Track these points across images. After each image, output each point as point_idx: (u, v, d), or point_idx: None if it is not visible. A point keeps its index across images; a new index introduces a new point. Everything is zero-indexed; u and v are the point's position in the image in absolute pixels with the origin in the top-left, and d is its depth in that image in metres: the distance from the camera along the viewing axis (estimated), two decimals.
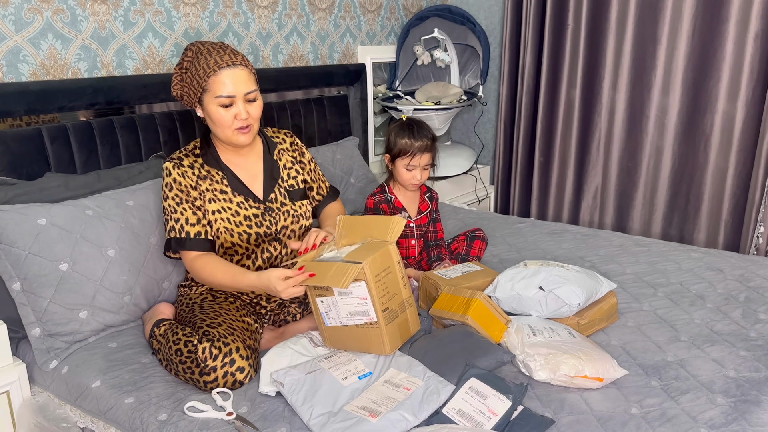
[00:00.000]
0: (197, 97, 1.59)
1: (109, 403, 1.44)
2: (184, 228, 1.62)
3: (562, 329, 1.54)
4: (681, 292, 1.91)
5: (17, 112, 1.79)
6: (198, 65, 1.56)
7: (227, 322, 1.53)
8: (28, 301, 1.59)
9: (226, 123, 1.59)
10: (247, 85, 1.58)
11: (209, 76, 1.55)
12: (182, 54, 1.65)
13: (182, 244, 1.62)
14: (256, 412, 1.35)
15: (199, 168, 1.66)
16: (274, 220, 1.72)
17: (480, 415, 1.27)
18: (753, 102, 2.70)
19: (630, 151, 3.05)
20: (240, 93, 1.57)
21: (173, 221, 1.62)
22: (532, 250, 2.30)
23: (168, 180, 1.63)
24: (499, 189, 3.50)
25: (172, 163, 1.64)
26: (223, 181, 1.68)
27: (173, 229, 1.62)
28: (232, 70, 1.56)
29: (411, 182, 2.05)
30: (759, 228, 2.69)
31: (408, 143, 2.01)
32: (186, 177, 1.63)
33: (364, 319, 1.43)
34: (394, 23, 3.31)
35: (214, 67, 1.54)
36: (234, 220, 1.66)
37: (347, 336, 1.48)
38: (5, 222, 1.57)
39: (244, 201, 1.69)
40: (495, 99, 3.54)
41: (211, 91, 1.56)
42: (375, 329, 1.43)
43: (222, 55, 1.56)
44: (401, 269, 1.51)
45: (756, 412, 1.30)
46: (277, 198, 1.74)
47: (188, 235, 1.62)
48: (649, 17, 2.87)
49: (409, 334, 1.52)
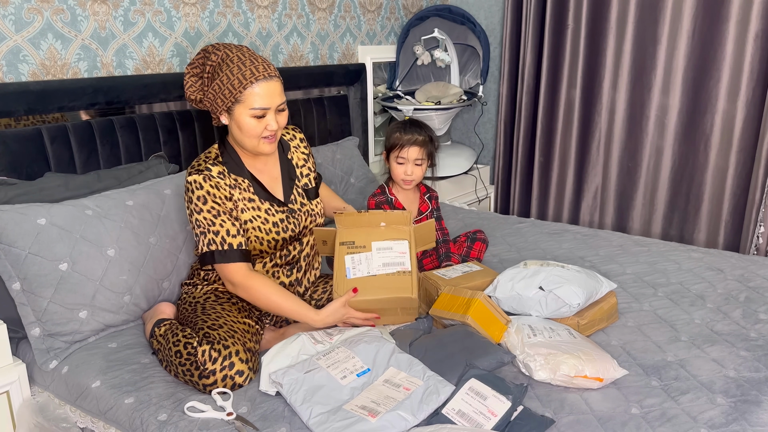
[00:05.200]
0: (227, 106, 1.55)
1: (109, 403, 1.44)
2: (226, 240, 1.57)
3: (562, 329, 1.54)
4: (681, 292, 1.91)
5: (17, 112, 1.79)
6: (231, 74, 1.52)
7: (228, 324, 1.53)
8: (28, 301, 1.59)
9: (255, 133, 1.57)
10: (281, 97, 1.57)
11: (245, 88, 1.51)
12: (199, 56, 1.60)
13: (226, 257, 1.57)
14: (256, 412, 1.35)
15: (226, 176, 1.62)
16: (297, 222, 1.71)
17: (480, 415, 1.27)
18: (753, 102, 2.70)
19: (630, 151, 3.05)
20: (274, 105, 1.56)
21: (212, 234, 1.56)
22: (532, 250, 2.30)
23: (200, 193, 1.57)
24: (499, 189, 3.50)
25: (202, 176, 1.57)
26: (249, 189, 1.65)
27: (213, 242, 1.56)
28: (268, 82, 1.54)
29: (402, 178, 2.05)
30: (759, 228, 2.69)
31: (398, 136, 2.06)
32: (219, 189, 1.58)
33: (397, 268, 1.62)
34: (394, 23, 3.31)
35: (251, 78, 1.51)
36: (264, 228, 1.64)
37: (372, 284, 1.60)
38: (5, 222, 1.57)
39: (270, 207, 1.67)
40: (495, 99, 3.54)
41: (245, 103, 1.53)
42: (407, 276, 1.61)
43: (257, 65, 1.53)
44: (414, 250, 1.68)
45: (756, 412, 1.30)
46: (296, 199, 1.74)
47: (231, 247, 1.57)
48: (649, 17, 2.87)
49: None
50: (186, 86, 1.62)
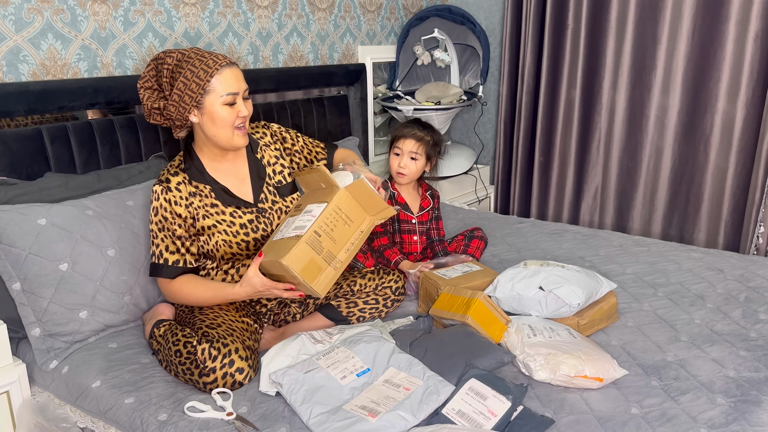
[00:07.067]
0: (195, 101, 1.55)
1: (109, 403, 1.44)
2: (163, 255, 1.61)
3: (562, 329, 1.54)
4: (681, 292, 1.91)
5: (17, 112, 1.79)
6: (194, 68, 1.54)
7: (227, 323, 1.54)
8: (28, 301, 1.59)
9: (229, 122, 1.58)
10: (244, 83, 1.61)
11: (212, 76, 1.54)
12: (149, 67, 1.60)
13: (158, 270, 1.61)
14: (256, 412, 1.35)
15: (187, 184, 1.64)
16: (268, 221, 1.71)
17: (480, 415, 1.27)
18: (753, 102, 2.70)
19: (630, 151, 3.05)
20: (241, 90, 1.59)
21: (154, 246, 1.62)
22: (532, 250, 2.30)
23: (155, 204, 1.61)
24: (499, 189, 3.50)
25: (161, 187, 1.61)
26: (211, 195, 1.66)
27: (153, 254, 1.62)
28: (231, 69, 1.58)
29: (396, 170, 2.07)
30: (759, 228, 2.69)
31: (400, 128, 2.10)
32: (172, 203, 1.60)
33: (296, 232, 1.45)
34: (394, 23, 3.31)
35: (215, 67, 1.54)
36: (230, 231, 1.65)
37: (272, 247, 1.49)
38: (5, 222, 1.57)
39: (236, 210, 1.67)
40: (495, 99, 3.54)
41: (215, 91, 1.55)
42: (293, 241, 1.42)
43: (216, 56, 1.57)
44: (359, 240, 1.51)
45: (756, 412, 1.30)
46: (267, 198, 1.73)
47: (166, 262, 1.60)
48: (649, 17, 2.87)
49: (311, 277, 1.44)
50: (143, 100, 1.62)
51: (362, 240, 1.53)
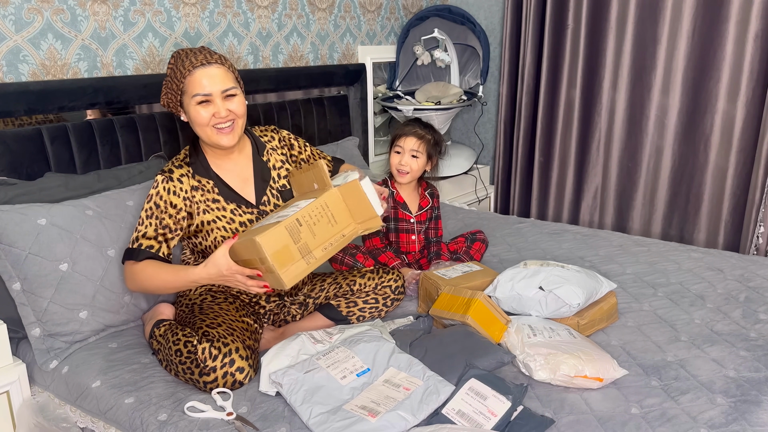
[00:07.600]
0: (178, 100, 1.60)
1: (109, 403, 1.44)
2: (139, 239, 1.58)
3: (562, 329, 1.54)
4: (681, 292, 1.91)
5: (17, 112, 1.79)
6: (175, 68, 1.58)
7: (227, 323, 1.54)
8: (28, 301, 1.59)
9: (203, 121, 1.58)
10: (223, 83, 1.58)
11: (185, 77, 1.56)
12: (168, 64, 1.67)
13: (128, 253, 1.58)
14: (256, 412, 1.35)
15: (190, 178, 1.65)
16: None
17: (480, 415, 1.27)
18: (753, 102, 2.70)
19: (630, 151, 3.05)
20: (216, 91, 1.57)
21: (136, 231, 1.60)
22: (532, 250, 2.30)
23: (152, 192, 1.61)
24: (499, 189, 3.50)
25: (163, 177, 1.62)
26: (214, 190, 1.66)
27: (132, 239, 1.60)
28: (206, 69, 1.56)
29: (397, 167, 2.07)
30: (759, 228, 2.69)
31: (401, 127, 2.11)
32: (170, 193, 1.61)
33: (279, 219, 1.43)
34: (394, 23, 3.31)
35: (189, 67, 1.56)
36: (230, 228, 1.65)
37: (250, 231, 1.49)
38: (5, 222, 1.57)
39: (237, 208, 1.67)
40: (495, 99, 3.54)
41: (188, 92, 1.57)
42: (274, 224, 1.40)
43: (197, 56, 1.57)
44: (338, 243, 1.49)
45: (756, 412, 1.30)
46: (269, 200, 1.72)
47: (140, 247, 1.58)
48: (649, 17, 2.87)
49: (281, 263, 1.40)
50: (161, 94, 1.67)
51: (342, 244, 1.51)
